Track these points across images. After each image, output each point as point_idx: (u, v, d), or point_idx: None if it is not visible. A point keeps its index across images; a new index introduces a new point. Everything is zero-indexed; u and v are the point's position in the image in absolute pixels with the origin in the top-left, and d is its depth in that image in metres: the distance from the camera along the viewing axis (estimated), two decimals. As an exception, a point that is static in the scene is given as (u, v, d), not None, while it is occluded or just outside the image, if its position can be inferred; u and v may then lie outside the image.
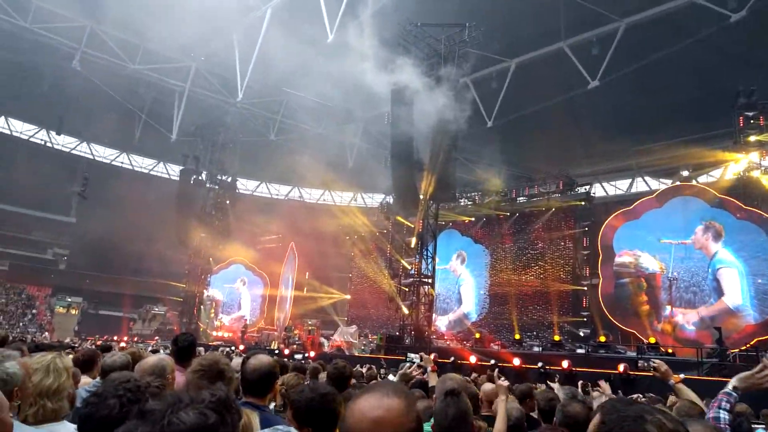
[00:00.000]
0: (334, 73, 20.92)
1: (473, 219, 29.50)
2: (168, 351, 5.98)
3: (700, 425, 2.06)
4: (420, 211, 22.32)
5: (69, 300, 33.45)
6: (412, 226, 23.41)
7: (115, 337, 26.32)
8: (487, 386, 4.62)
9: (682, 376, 3.72)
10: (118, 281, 33.62)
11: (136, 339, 27.40)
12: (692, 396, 3.49)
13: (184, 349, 3.93)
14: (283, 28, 21.20)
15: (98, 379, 3.57)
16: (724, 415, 2.49)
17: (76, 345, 12.71)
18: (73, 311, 33.24)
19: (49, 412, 2.36)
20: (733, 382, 2.69)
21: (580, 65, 21.92)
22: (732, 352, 17.08)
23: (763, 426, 4.77)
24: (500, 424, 3.76)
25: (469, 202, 29.11)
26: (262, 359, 3.16)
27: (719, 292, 20.47)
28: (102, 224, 29.23)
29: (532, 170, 27.68)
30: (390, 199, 28.41)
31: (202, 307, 31.89)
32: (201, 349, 15.26)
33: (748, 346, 18.16)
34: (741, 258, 20.20)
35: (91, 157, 35.66)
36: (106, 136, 34.59)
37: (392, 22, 20.20)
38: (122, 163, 36.69)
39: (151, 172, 37.50)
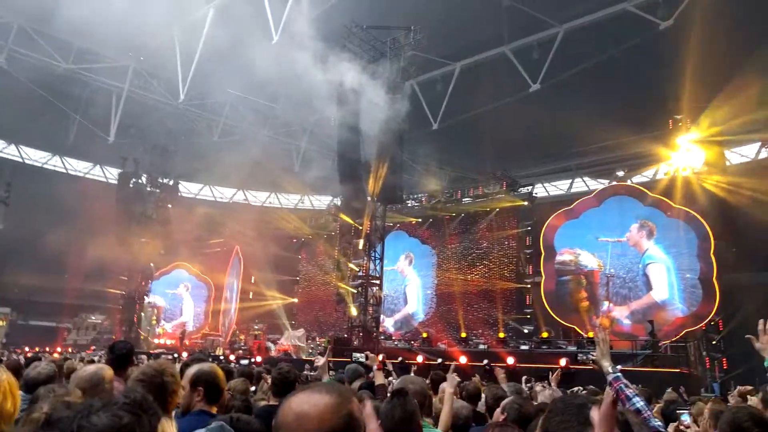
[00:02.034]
0: (279, 74, 20.63)
1: (420, 220, 29.82)
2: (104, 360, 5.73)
3: (633, 416, 2.16)
4: (367, 213, 22.38)
5: (-4, 311, 31.50)
6: (360, 227, 23.43)
7: (47, 349, 25.01)
8: (444, 384, 4.70)
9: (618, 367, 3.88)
10: (52, 290, 31.87)
11: (70, 350, 26.15)
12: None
13: (121, 357, 3.78)
14: (226, 28, 20.73)
15: (21, 392, 3.35)
16: (641, 403, 2.57)
17: (4, 359, 11.99)
18: (0, 323, 31.29)
19: None
20: (607, 366, 2.80)
21: (522, 69, 22.53)
22: (663, 344, 18.03)
23: (687, 411, 5.06)
24: (445, 417, 3.82)
25: (416, 204, 29.42)
26: (207, 364, 3.13)
27: (648, 286, 21.54)
28: (33, 230, 27.67)
29: (476, 171, 28.25)
30: (337, 201, 28.35)
31: (143, 314, 30.79)
32: (144, 357, 14.74)
33: (677, 337, 19.19)
34: (671, 254, 21.29)
35: (19, 160, 33.72)
36: (37, 138, 32.78)
37: (338, 24, 20.15)
38: (55, 166, 34.86)
39: (87, 176, 35.81)
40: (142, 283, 30.47)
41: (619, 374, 2.74)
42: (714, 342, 19.21)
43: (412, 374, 10.11)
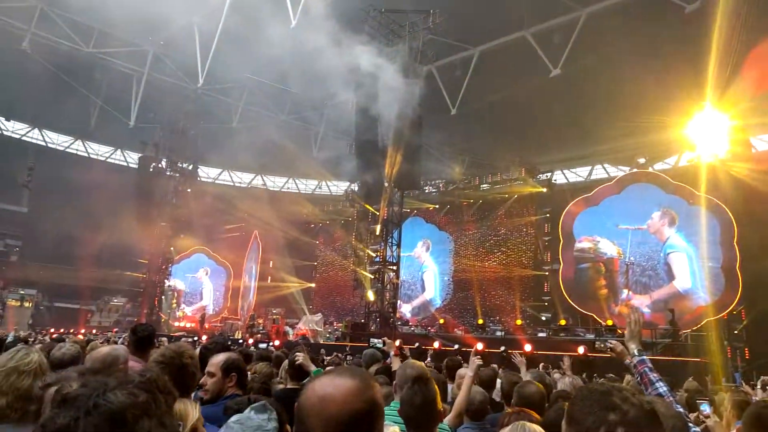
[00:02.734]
0: (297, 59, 20.60)
1: (437, 206, 29.72)
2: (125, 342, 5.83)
3: (662, 404, 2.15)
4: (384, 199, 22.35)
5: (22, 292, 32.15)
6: (377, 213, 23.43)
7: (72, 330, 25.57)
8: (462, 371, 4.71)
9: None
10: (75, 272, 32.46)
11: (94, 331, 26.70)
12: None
13: (143, 339, 3.84)
14: (244, 13, 20.72)
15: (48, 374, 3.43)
16: (664, 389, 2.54)
17: (31, 339, 12.31)
18: (26, 304, 31.99)
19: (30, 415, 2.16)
20: (634, 348, 2.74)
21: (542, 53, 22.16)
22: (683, 333, 17.81)
23: (708, 401, 5.00)
24: (460, 400, 3.82)
25: (434, 190, 29.29)
26: (234, 353, 3.27)
27: (670, 275, 21.24)
28: (56, 214, 28.16)
29: (495, 157, 27.99)
30: (355, 187, 28.35)
31: (163, 297, 31.28)
32: (164, 339, 15.01)
33: (699, 326, 18.95)
34: (692, 243, 20.95)
35: (43, 143, 34.28)
36: (59, 122, 33.26)
37: (356, 7, 19.99)
38: (77, 150, 35.39)
39: (108, 160, 36.29)
40: (163, 267, 30.91)
41: (644, 357, 2.70)
42: (736, 332, 18.92)
43: (429, 359, 10.15)
